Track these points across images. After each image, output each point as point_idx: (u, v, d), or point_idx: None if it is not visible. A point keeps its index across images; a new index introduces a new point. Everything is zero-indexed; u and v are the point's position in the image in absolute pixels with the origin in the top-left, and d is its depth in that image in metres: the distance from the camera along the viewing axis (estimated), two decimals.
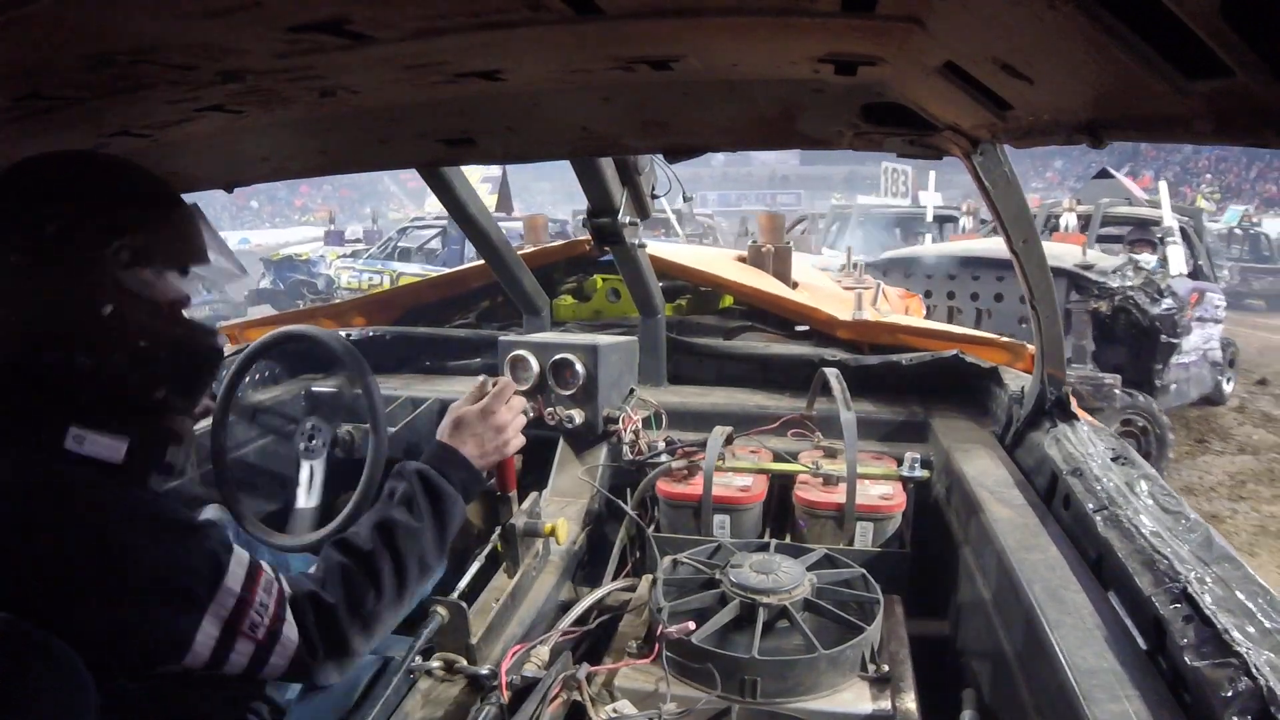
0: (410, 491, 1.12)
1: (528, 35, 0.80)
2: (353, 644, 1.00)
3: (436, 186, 1.96)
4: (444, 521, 1.14)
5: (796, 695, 1.17)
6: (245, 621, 0.89)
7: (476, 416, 1.23)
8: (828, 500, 1.71)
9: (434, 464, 1.16)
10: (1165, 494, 1.32)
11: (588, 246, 2.68)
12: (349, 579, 1.02)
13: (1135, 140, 0.73)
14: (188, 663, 0.87)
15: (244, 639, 0.89)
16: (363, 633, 1.01)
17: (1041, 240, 1.52)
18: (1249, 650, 0.88)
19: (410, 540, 1.08)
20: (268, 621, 0.91)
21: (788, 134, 1.16)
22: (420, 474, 1.14)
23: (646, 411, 2.03)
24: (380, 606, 1.03)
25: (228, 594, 0.89)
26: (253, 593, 0.91)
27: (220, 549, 0.91)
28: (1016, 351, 2.12)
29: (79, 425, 0.86)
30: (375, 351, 2.48)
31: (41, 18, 0.68)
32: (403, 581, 1.06)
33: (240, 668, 0.90)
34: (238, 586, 0.90)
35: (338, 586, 1.00)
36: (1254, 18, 0.44)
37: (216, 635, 0.88)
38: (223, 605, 0.88)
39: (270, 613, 0.92)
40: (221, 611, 0.88)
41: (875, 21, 0.73)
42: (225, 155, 1.32)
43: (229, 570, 0.90)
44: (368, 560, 1.04)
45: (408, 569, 1.06)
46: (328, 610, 0.98)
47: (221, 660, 0.89)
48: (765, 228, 3.19)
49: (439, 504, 1.13)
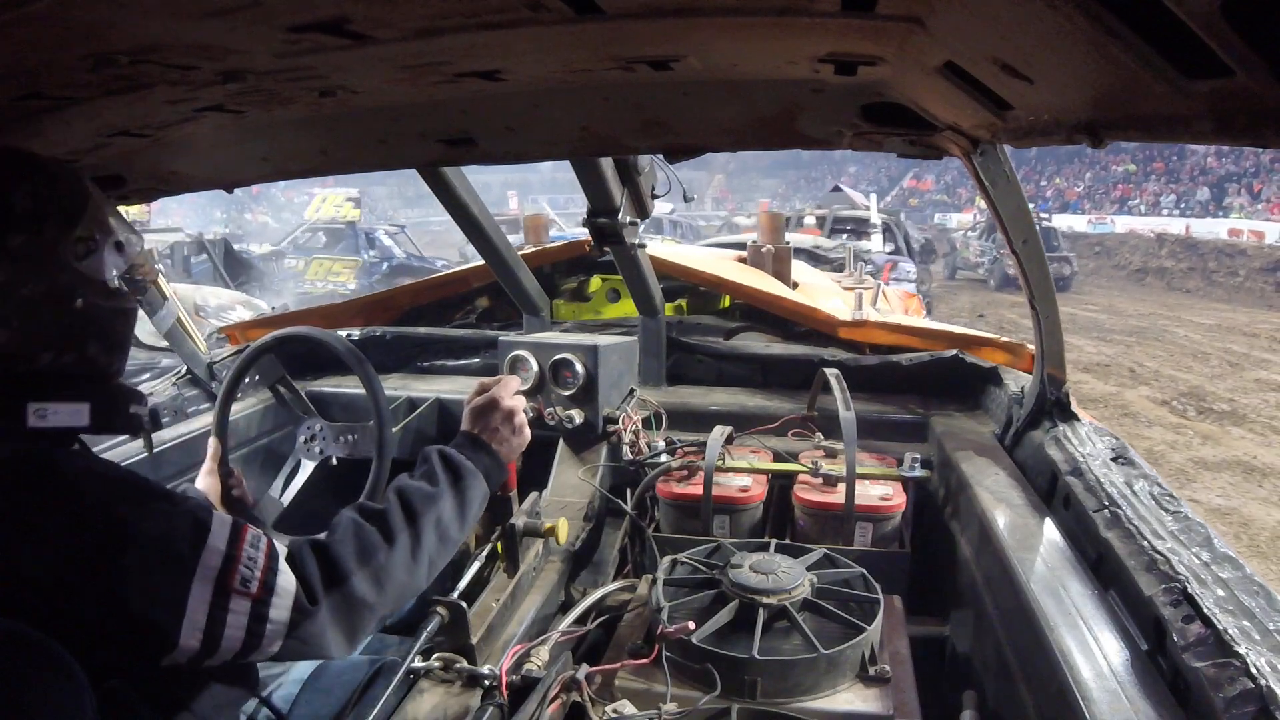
0: (430, 466, 1.12)
1: (528, 35, 0.80)
2: (360, 593, 0.96)
3: (436, 186, 1.96)
4: (463, 492, 1.12)
5: (796, 695, 1.17)
6: (235, 578, 0.86)
7: (489, 405, 1.23)
8: (828, 500, 1.71)
9: (456, 447, 1.17)
10: (1165, 494, 1.32)
11: (587, 247, 2.68)
12: (359, 531, 0.99)
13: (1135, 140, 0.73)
14: (184, 641, 0.83)
15: (238, 596, 0.86)
16: (373, 585, 0.97)
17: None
18: (1249, 650, 0.88)
19: (427, 503, 1.06)
20: (259, 574, 0.88)
21: (788, 134, 1.16)
22: (440, 451, 1.15)
23: (646, 411, 2.03)
24: (392, 562, 1.00)
25: (213, 552, 0.86)
26: (239, 548, 0.88)
27: (200, 510, 0.89)
28: (1016, 351, 2.12)
29: (36, 400, 0.86)
30: (375, 351, 2.48)
31: (42, 18, 0.68)
32: (418, 541, 1.03)
33: (238, 640, 0.86)
34: (222, 544, 0.87)
35: (347, 537, 0.98)
36: (1254, 18, 0.44)
37: (209, 598, 0.84)
38: (209, 565, 0.85)
39: (260, 565, 0.89)
40: (209, 572, 0.85)
41: (875, 21, 0.73)
42: (225, 155, 1.33)
43: (212, 529, 0.87)
44: (380, 516, 1.02)
45: (423, 530, 1.04)
46: (332, 558, 0.95)
47: (218, 632, 0.85)
48: (765, 228, 3.18)
49: (458, 476, 1.12)
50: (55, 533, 0.80)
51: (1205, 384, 8.55)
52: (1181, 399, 7.91)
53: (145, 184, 1.38)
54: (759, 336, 2.55)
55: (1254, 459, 6.16)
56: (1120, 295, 16.32)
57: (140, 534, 0.82)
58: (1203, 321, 12.85)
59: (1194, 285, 17.35)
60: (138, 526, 0.83)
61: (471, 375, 2.54)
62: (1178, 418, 7.28)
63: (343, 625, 0.94)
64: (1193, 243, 18.93)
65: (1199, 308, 14.67)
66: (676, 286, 2.72)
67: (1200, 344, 10.86)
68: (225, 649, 0.86)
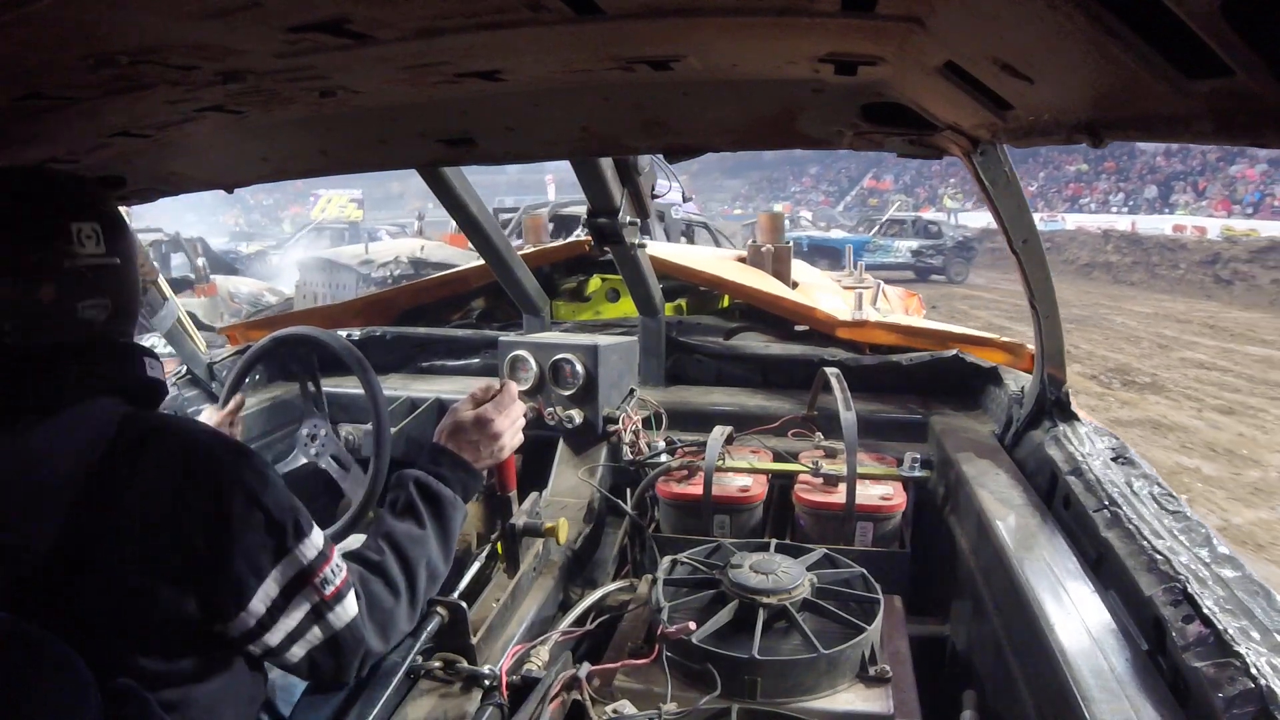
0: (411, 500, 1.16)
1: (528, 35, 0.80)
2: (370, 647, 1.02)
3: (436, 186, 1.96)
4: (446, 526, 1.18)
5: (796, 695, 1.17)
6: (319, 576, 0.94)
7: (472, 424, 1.25)
8: (828, 500, 1.71)
9: (430, 469, 1.20)
10: (1165, 494, 1.32)
11: (588, 247, 2.68)
12: (366, 586, 1.05)
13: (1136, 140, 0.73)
14: (252, 606, 0.89)
15: (313, 590, 0.94)
16: (380, 636, 1.04)
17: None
18: (1249, 650, 0.88)
19: (417, 547, 1.12)
20: (337, 584, 0.96)
21: (788, 134, 1.16)
22: (418, 482, 1.18)
23: (646, 411, 2.03)
24: (396, 612, 1.07)
25: (311, 546, 0.94)
26: (328, 559, 0.96)
27: (305, 513, 0.96)
28: (1016, 351, 2.12)
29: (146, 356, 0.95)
30: (375, 351, 2.48)
31: (42, 18, 0.68)
32: (414, 587, 1.10)
33: (286, 631, 0.93)
34: (319, 547, 0.95)
35: (359, 588, 1.04)
36: (1254, 18, 0.44)
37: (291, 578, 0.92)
38: (304, 555, 0.93)
39: (340, 578, 0.97)
40: (301, 559, 0.93)
41: (875, 21, 0.73)
42: (225, 155, 1.32)
43: (313, 533, 0.96)
44: (380, 569, 1.08)
45: (417, 575, 1.11)
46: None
47: (280, 608, 0.92)
48: (765, 228, 3.18)
49: (439, 510, 1.17)
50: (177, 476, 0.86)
51: (1133, 362, 9.12)
52: (1109, 374, 8.51)
53: (145, 184, 1.38)
54: (759, 336, 2.55)
55: (1164, 418, 6.89)
56: (1068, 288, 16.96)
57: (250, 495, 0.90)
58: (1142, 310, 13.47)
59: (1138, 278, 18.07)
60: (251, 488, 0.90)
61: (471, 375, 2.54)
62: (1102, 388, 8.00)
63: (342, 662, 1.01)
64: (1138, 238, 19.70)
65: (1141, 298, 15.36)
66: (676, 286, 2.72)
67: (1135, 329, 11.44)
68: (276, 632, 0.92)
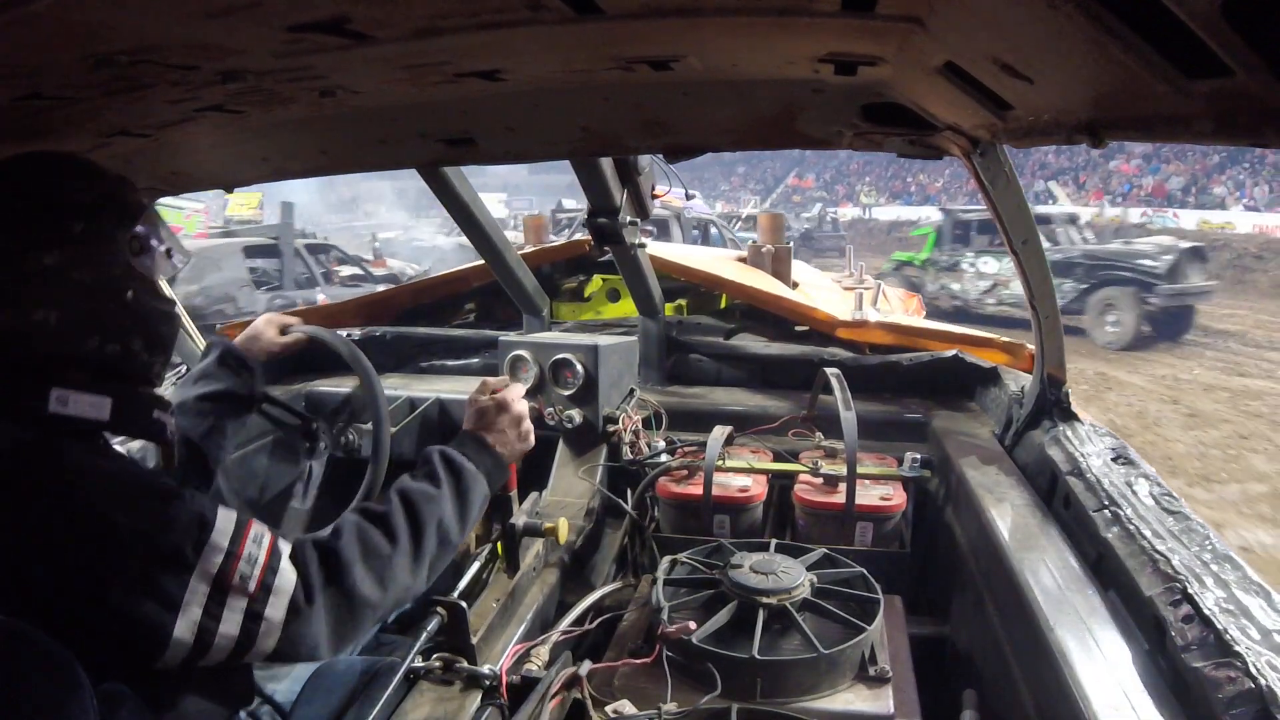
0: (431, 467, 1.12)
1: (528, 35, 0.80)
2: (363, 593, 0.96)
3: (436, 187, 1.96)
4: (465, 496, 1.12)
5: (796, 695, 1.17)
6: (234, 575, 0.86)
7: (494, 408, 1.24)
8: (828, 500, 1.71)
9: (457, 447, 1.17)
10: (1165, 494, 1.32)
11: (588, 247, 2.68)
12: (362, 530, 1.00)
13: (1136, 140, 0.73)
14: (178, 638, 0.83)
15: (235, 594, 0.86)
16: (376, 585, 0.98)
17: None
18: (1249, 650, 0.88)
19: (428, 503, 1.07)
20: (258, 572, 0.88)
21: (788, 134, 1.16)
22: (441, 452, 1.15)
23: (646, 411, 2.03)
24: (395, 562, 1.00)
25: (215, 549, 0.86)
26: (241, 545, 0.88)
27: (206, 507, 0.89)
28: (1016, 352, 2.12)
29: (60, 387, 0.87)
30: (375, 351, 2.48)
31: (42, 18, 0.68)
32: (419, 542, 1.04)
33: (232, 639, 0.86)
34: (225, 541, 0.87)
35: (351, 538, 0.98)
36: (1254, 18, 0.44)
37: (206, 592, 0.84)
38: (210, 562, 0.86)
39: (261, 563, 0.89)
40: (210, 568, 0.85)
41: (875, 21, 0.73)
42: (225, 155, 1.33)
43: (216, 526, 0.88)
44: (383, 517, 1.03)
45: (424, 529, 1.05)
46: (334, 553, 0.96)
47: (212, 629, 0.85)
48: (765, 228, 3.18)
49: (458, 477, 1.13)
50: (48, 528, 0.80)
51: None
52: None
53: (146, 184, 1.38)
54: (759, 337, 2.55)
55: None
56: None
57: (132, 534, 0.83)
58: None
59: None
60: (130, 527, 0.83)
61: (472, 375, 2.54)
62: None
63: (337, 626, 0.95)
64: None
65: None
66: (676, 286, 2.72)
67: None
68: (219, 647, 0.86)
